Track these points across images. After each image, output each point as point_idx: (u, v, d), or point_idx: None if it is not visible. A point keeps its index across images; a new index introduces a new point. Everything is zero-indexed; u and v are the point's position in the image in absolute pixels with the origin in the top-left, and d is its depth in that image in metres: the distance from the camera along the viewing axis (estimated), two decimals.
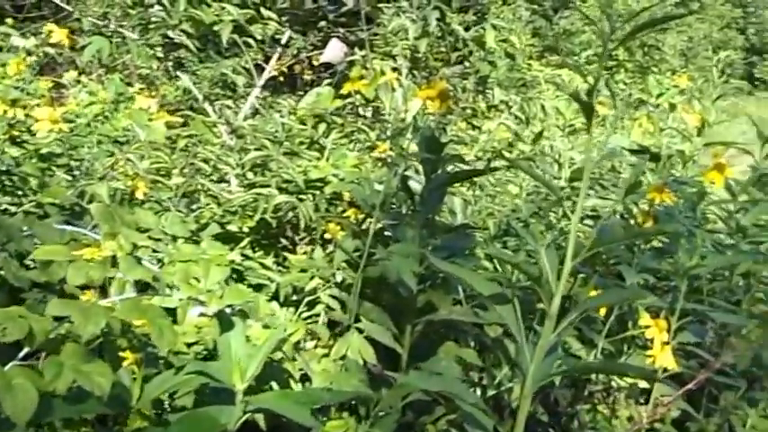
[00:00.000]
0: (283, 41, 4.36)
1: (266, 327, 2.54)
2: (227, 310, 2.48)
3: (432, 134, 2.83)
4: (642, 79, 16.54)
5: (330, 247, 3.12)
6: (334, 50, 4.90)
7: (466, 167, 3.09)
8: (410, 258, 2.67)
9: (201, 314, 2.53)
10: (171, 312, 2.59)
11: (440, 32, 4.28)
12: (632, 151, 3.83)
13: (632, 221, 3.51)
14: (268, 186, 3.24)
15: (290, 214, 3.29)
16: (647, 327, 2.55)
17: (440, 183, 2.80)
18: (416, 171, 3.00)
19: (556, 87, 5.86)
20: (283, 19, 4.35)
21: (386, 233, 3.00)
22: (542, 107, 4.50)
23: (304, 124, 3.72)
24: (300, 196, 3.23)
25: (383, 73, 3.58)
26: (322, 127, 3.69)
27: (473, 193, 3.88)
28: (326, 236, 3.11)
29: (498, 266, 3.30)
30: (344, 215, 3.14)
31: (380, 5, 4.25)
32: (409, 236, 2.80)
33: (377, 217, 2.80)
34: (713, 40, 22.70)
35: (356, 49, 4.21)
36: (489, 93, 4.41)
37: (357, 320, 2.81)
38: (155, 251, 2.82)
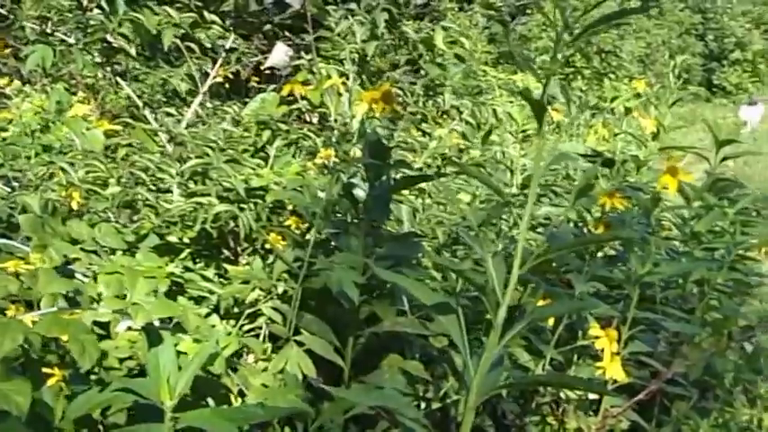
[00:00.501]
0: (227, 46, 4.26)
1: (197, 341, 2.43)
2: (163, 324, 2.39)
3: (377, 140, 2.74)
4: (599, 86, 16.62)
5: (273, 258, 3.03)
6: (279, 54, 4.81)
7: (412, 174, 3.01)
8: (352, 268, 2.59)
9: (129, 328, 2.42)
10: (106, 327, 2.50)
11: (390, 35, 4.21)
12: (586, 156, 3.77)
13: (585, 229, 3.46)
14: (208, 195, 3.14)
15: (232, 224, 3.19)
16: (596, 337, 2.49)
17: (384, 190, 2.72)
18: (363, 178, 2.91)
19: (509, 93, 5.81)
20: (227, 23, 4.25)
21: (331, 242, 2.91)
22: (494, 112, 4.43)
23: (248, 131, 3.63)
24: (242, 205, 3.13)
25: (329, 77, 3.50)
26: (266, 134, 3.60)
27: (422, 201, 3.81)
28: (269, 246, 3.02)
29: (446, 276, 3.22)
30: (286, 224, 3.04)
31: (328, 8, 4.16)
32: (352, 245, 2.72)
33: (317, 226, 2.71)
34: (672, 46, 22.79)
35: (302, 53, 4.14)
36: (440, 98, 4.34)
37: (298, 333, 2.71)
38: (92, 263, 2.72)
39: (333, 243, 2.88)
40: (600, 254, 3.23)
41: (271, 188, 3.18)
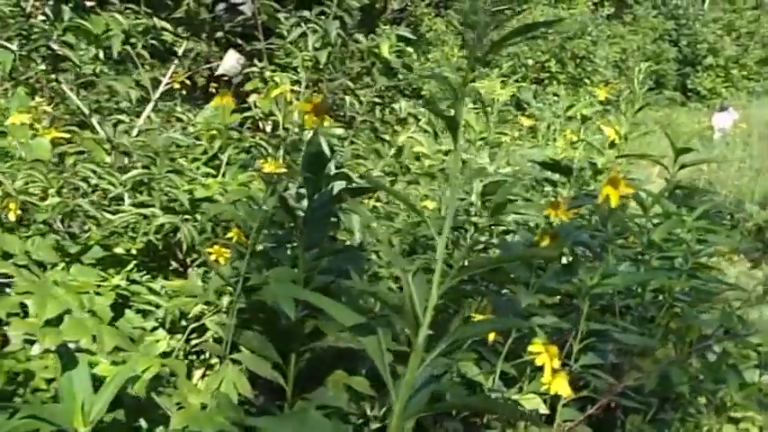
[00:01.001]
0: (180, 52, 4.18)
1: (115, 363, 2.34)
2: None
3: (316, 150, 2.64)
4: (575, 91, 16.64)
5: None
6: (231, 62, 4.75)
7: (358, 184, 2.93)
8: (290, 283, 2.50)
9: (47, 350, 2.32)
10: None
11: (342, 43, 4.13)
12: (543, 165, 3.71)
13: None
14: (152, 206, 3.05)
15: (178, 235, 3.11)
16: (537, 353, 2.41)
17: (323, 202, 2.63)
18: None
19: (472, 101, 5.75)
20: (179, 29, 4.17)
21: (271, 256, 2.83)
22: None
23: (199, 139, 3.55)
24: (186, 216, 3.05)
25: (277, 85, 3.43)
26: (218, 142, 3.52)
27: (382, 209, 3.73)
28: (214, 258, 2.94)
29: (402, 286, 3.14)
30: (229, 236, 2.96)
31: (280, 15, 4.09)
32: (292, 258, 2.64)
33: (254, 238, 2.62)
34: (646, 51, 22.91)
35: (255, 61, 4.06)
36: (396, 105, 4.27)
37: (238, 349, 2.63)
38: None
39: (273, 257, 2.79)
40: (562, 262, 3.16)
41: (217, 199, 3.10)
